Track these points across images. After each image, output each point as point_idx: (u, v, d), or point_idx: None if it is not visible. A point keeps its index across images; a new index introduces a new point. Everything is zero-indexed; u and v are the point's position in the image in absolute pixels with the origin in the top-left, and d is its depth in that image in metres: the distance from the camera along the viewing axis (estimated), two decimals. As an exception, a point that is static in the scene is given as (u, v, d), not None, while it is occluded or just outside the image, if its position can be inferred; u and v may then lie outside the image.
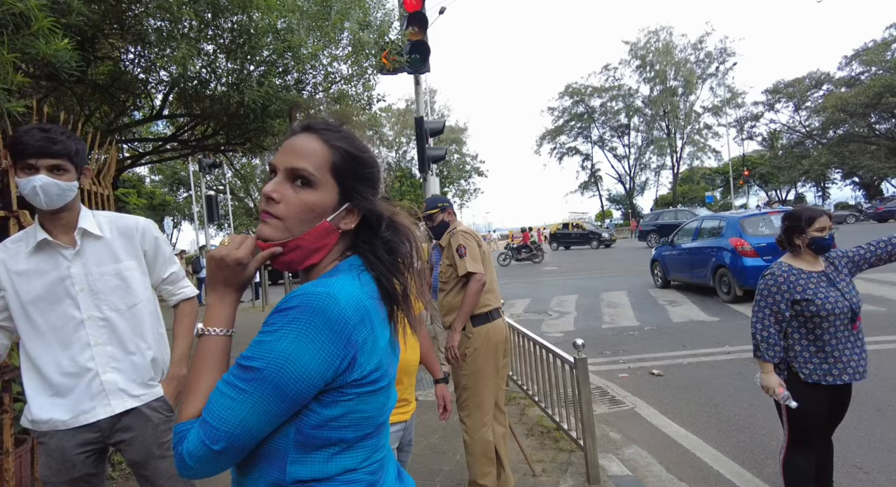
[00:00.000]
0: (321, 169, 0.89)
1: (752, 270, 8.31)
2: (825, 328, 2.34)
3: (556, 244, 31.16)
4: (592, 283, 12.88)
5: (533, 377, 3.97)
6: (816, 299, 2.32)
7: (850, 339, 2.36)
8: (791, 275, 2.38)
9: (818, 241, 2.40)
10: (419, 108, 7.03)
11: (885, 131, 37.53)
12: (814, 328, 2.37)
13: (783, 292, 2.36)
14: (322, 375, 0.79)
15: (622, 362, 5.83)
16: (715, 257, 9.12)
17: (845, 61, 39.22)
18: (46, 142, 1.60)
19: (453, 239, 2.88)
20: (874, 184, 41.34)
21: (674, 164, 48.67)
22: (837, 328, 2.33)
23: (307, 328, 0.78)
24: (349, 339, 0.81)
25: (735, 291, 8.60)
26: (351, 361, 0.81)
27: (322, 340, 0.78)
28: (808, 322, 2.36)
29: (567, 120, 51.50)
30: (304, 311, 0.79)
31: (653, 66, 45.91)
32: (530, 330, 7.82)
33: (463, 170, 51.10)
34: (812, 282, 2.37)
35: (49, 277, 1.68)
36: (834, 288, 2.38)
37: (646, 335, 7.00)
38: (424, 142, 6.72)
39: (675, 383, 4.95)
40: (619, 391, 4.82)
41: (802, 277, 2.38)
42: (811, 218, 2.42)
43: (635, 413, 4.26)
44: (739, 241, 8.63)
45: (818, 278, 2.39)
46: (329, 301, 0.79)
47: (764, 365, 2.39)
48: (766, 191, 49.68)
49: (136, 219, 1.89)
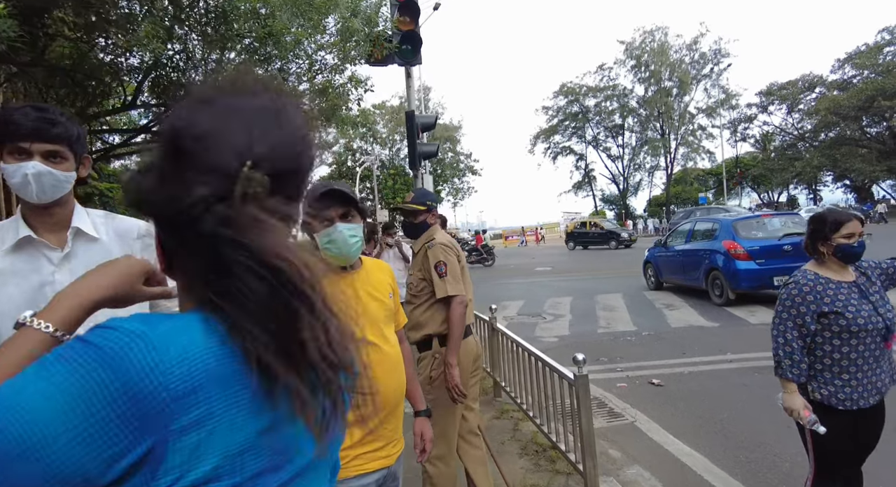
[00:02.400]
0: None
1: (744, 274, 8.21)
2: (854, 345, 2.07)
3: (573, 243, 28.86)
4: (586, 285, 12.64)
5: (528, 388, 3.69)
6: (847, 312, 2.05)
7: (881, 359, 2.10)
8: (818, 285, 2.11)
9: (844, 249, 2.13)
10: (410, 102, 6.72)
11: (877, 134, 37.73)
12: (841, 345, 2.10)
13: (809, 303, 2.08)
14: (77, 465, 0.45)
15: (620, 370, 5.57)
16: (708, 260, 8.98)
17: (838, 64, 39.38)
18: (43, 124, 1.31)
19: (432, 252, 2.59)
20: (865, 186, 41.56)
21: (667, 165, 48.66)
22: (868, 346, 2.06)
23: (79, 378, 0.47)
24: (150, 419, 0.47)
25: (727, 294, 8.46)
26: (146, 456, 0.48)
27: (96, 404, 0.46)
28: (836, 338, 2.09)
29: (561, 119, 51.31)
30: (87, 351, 0.48)
31: (648, 66, 45.81)
32: (524, 334, 7.62)
33: (457, 169, 50.79)
34: (842, 293, 2.10)
35: (28, 283, 1.37)
36: (866, 301, 2.11)
37: (643, 341, 6.75)
38: (416, 138, 6.41)
39: (677, 394, 4.69)
40: (617, 402, 4.55)
41: (831, 287, 2.11)
42: (837, 222, 2.15)
43: (635, 428, 4.00)
44: (732, 244, 8.50)
45: (848, 289, 2.13)
46: (134, 345, 0.48)
47: (787, 385, 2.12)
48: (759, 192, 49.84)
49: (137, 223, 1.59)
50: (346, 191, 1.53)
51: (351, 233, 1.52)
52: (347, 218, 1.54)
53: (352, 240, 1.53)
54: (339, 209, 1.51)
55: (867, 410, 2.10)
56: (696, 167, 50.26)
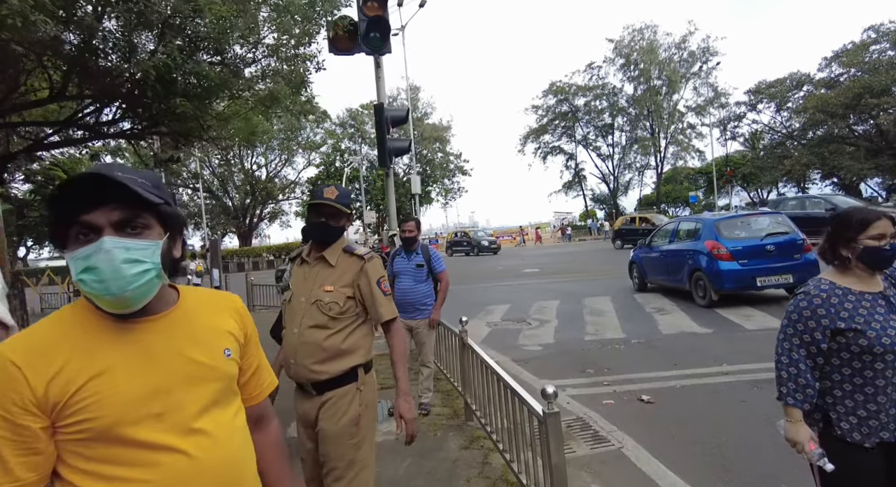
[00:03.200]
0: None
1: (727, 274, 8.09)
2: (879, 370, 1.66)
3: (621, 242, 25.00)
4: (574, 287, 12.20)
5: (498, 415, 3.19)
6: (869, 330, 1.67)
7: None
8: (833, 297, 1.73)
9: (872, 252, 1.71)
10: (380, 95, 6.22)
11: (864, 132, 37.76)
12: (863, 368, 1.68)
13: (820, 318, 1.72)
14: None
15: (607, 384, 5.10)
16: (691, 260, 8.79)
17: (825, 63, 39.34)
18: None
19: (372, 265, 2.13)
20: (853, 184, 41.63)
21: (657, 164, 48.48)
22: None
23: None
24: None
25: (711, 296, 8.27)
26: None
27: None
28: (856, 360, 1.69)
29: (551, 119, 50.90)
30: None
31: (637, 64, 45.56)
32: (507, 342, 7.18)
33: (447, 169, 50.27)
34: (864, 307, 1.72)
35: None
36: (894, 317, 1.68)
37: (633, 349, 6.30)
38: (385, 133, 5.91)
39: (669, 413, 4.24)
40: (602, 423, 4.09)
41: (850, 299, 1.73)
42: (864, 221, 1.73)
43: (622, 456, 3.52)
44: (715, 244, 8.32)
45: (873, 301, 1.72)
46: None
47: (790, 412, 1.77)
48: (748, 191, 49.82)
49: None
50: (125, 180, 0.87)
51: (128, 257, 0.87)
52: (127, 228, 0.90)
53: (130, 267, 0.88)
54: (113, 213, 0.88)
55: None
56: (686, 166, 50.16)
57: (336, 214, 2.14)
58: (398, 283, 4.38)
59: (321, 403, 2.05)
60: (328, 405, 2.05)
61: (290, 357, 2.07)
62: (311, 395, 2.08)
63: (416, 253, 4.43)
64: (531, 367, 5.87)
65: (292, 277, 2.21)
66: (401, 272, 4.42)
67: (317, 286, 2.08)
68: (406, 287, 4.36)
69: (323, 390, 2.06)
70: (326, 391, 2.05)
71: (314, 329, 2.04)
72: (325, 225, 2.14)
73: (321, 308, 2.05)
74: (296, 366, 2.06)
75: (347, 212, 2.17)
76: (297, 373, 2.07)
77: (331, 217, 2.14)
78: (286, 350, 2.10)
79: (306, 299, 2.08)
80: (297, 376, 2.08)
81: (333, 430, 2.02)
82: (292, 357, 2.06)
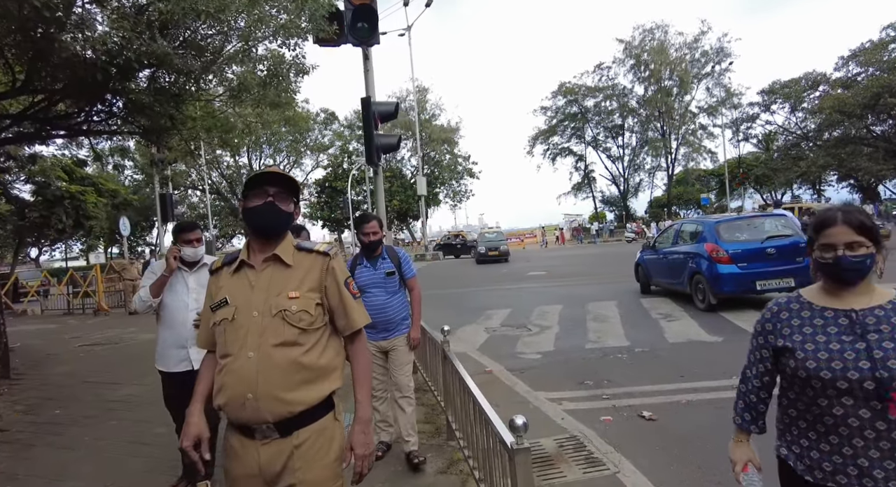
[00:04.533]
0: None
1: (726, 278, 7.85)
2: (824, 406, 1.37)
3: None
4: (579, 291, 11.81)
5: (476, 436, 2.83)
6: (800, 350, 1.41)
7: (879, 433, 1.30)
8: (785, 311, 1.51)
9: (820, 265, 1.45)
10: (368, 88, 5.91)
11: (882, 133, 36.79)
12: (811, 402, 1.41)
13: (767, 334, 1.54)
14: None
15: (606, 397, 4.73)
16: (692, 262, 8.59)
17: (842, 62, 38.46)
18: None
19: (338, 263, 1.75)
20: (871, 186, 40.62)
21: (668, 166, 47.76)
22: (848, 409, 1.33)
23: None
24: None
25: (709, 299, 8.06)
26: None
27: None
28: (800, 389, 1.44)
29: (560, 120, 50.40)
30: None
31: (647, 65, 44.92)
32: (504, 350, 6.81)
33: (455, 171, 49.92)
34: (813, 324, 1.44)
35: None
36: (857, 340, 1.34)
37: (636, 359, 5.91)
38: (372, 128, 5.60)
39: (672, 432, 3.85)
40: (598, 443, 3.71)
41: (803, 315, 1.47)
42: (818, 225, 1.46)
43: (618, 483, 3.15)
44: (714, 247, 8.12)
45: (830, 319, 1.42)
46: None
47: (736, 431, 1.65)
48: (762, 193, 48.88)
49: None
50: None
51: None
52: None
53: None
54: None
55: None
56: (698, 167, 49.33)
57: (283, 195, 1.71)
58: (366, 299, 3.39)
59: (293, 448, 1.60)
60: (305, 447, 1.61)
61: (247, 391, 1.57)
62: (269, 440, 1.60)
63: (383, 259, 3.53)
64: (527, 377, 5.51)
65: (224, 289, 1.70)
66: (368, 284, 3.46)
67: (275, 293, 1.64)
68: (379, 302, 3.44)
69: (292, 429, 1.60)
70: (298, 429, 1.61)
71: (282, 348, 1.60)
72: (274, 206, 1.68)
73: (289, 320, 1.61)
74: (255, 402, 1.56)
75: (297, 188, 1.78)
76: (257, 411, 1.57)
77: (279, 198, 1.70)
78: (235, 385, 1.59)
79: (261, 312, 1.62)
80: (257, 416, 1.58)
81: (319, 476, 1.62)
82: (250, 390, 1.57)
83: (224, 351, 1.64)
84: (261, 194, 1.69)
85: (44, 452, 4.27)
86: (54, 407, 5.55)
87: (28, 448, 4.37)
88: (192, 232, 3.15)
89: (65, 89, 4.08)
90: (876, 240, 1.39)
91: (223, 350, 1.65)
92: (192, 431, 1.66)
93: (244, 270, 1.71)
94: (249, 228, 1.75)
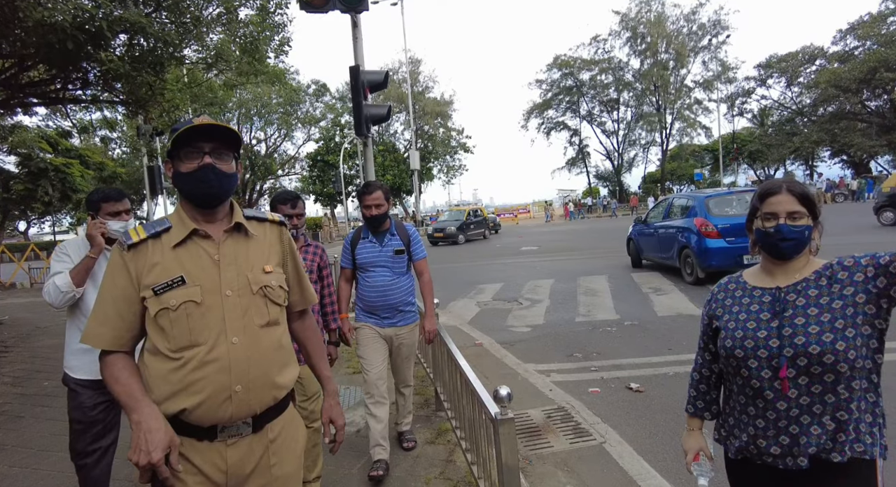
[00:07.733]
0: None
1: (713, 252, 7.94)
2: (746, 379, 1.40)
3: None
4: (571, 266, 11.86)
5: (463, 407, 2.85)
6: (723, 330, 1.46)
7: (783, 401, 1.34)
8: (723, 292, 1.54)
9: (760, 236, 1.43)
10: (356, 57, 5.74)
11: (877, 108, 36.69)
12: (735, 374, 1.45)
13: (709, 317, 1.56)
14: None
15: (594, 369, 4.78)
16: (681, 237, 8.71)
17: (840, 35, 38.03)
18: None
19: (289, 235, 1.62)
20: (863, 162, 40.73)
21: (663, 141, 47.51)
22: (763, 381, 1.36)
23: None
24: None
25: (697, 273, 8.22)
26: None
27: None
28: (725, 365, 1.47)
29: (555, 93, 49.73)
30: None
31: (644, 37, 44.18)
32: (495, 323, 6.85)
33: (448, 146, 49.38)
34: (741, 304, 1.46)
35: None
36: (773, 318, 1.37)
37: (625, 332, 5.96)
38: (361, 97, 5.46)
39: (658, 403, 3.91)
40: (585, 414, 3.76)
41: (736, 294, 1.49)
42: (761, 194, 1.44)
43: (603, 452, 3.21)
44: (703, 222, 8.22)
45: (756, 298, 1.44)
46: None
47: (687, 419, 1.66)
48: (755, 169, 48.91)
49: None
50: None
51: None
52: None
53: None
54: None
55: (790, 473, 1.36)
56: (692, 143, 49.15)
57: (223, 152, 1.40)
58: (369, 278, 3.06)
59: (268, 443, 1.42)
60: (280, 440, 1.45)
61: (234, 382, 1.33)
62: (237, 439, 1.37)
63: (392, 234, 3.08)
64: (517, 350, 5.55)
65: (168, 267, 1.35)
66: (372, 263, 3.04)
67: (248, 268, 1.41)
68: (383, 283, 3.03)
69: (264, 423, 1.41)
70: (270, 421, 1.43)
71: (268, 328, 1.41)
72: (214, 169, 1.36)
73: (271, 296, 1.43)
74: (245, 393, 1.34)
75: (239, 141, 1.44)
76: (245, 404, 1.35)
77: (218, 158, 1.38)
78: (217, 378, 1.31)
79: (236, 291, 1.37)
80: (242, 409, 1.35)
81: (293, 468, 1.50)
82: (239, 380, 1.33)
83: (187, 342, 1.32)
84: (194, 154, 1.37)
85: (32, 423, 4.27)
86: (43, 379, 5.53)
87: (16, 420, 4.37)
88: (121, 201, 2.50)
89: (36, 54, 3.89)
90: (814, 214, 1.38)
91: (185, 340, 1.32)
92: (158, 438, 1.22)
93: (196, 242, 1.39)
94: (186, 197, 1.42)
